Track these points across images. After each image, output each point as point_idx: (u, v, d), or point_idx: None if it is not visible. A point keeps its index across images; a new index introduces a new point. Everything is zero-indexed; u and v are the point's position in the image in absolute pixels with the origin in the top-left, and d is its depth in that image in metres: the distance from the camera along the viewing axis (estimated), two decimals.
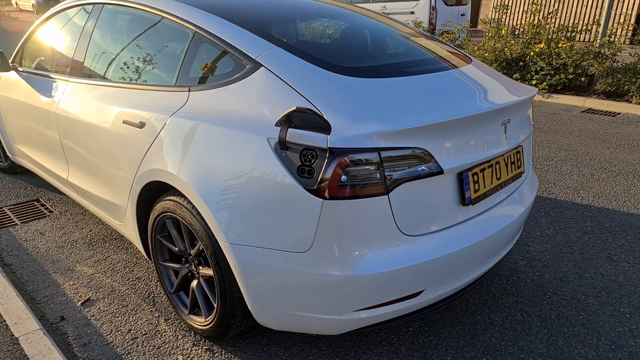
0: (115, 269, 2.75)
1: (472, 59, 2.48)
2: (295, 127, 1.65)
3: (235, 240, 1.79)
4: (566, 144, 5.07)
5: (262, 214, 1.72)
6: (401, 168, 1.66)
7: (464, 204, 1.85)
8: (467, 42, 8.73)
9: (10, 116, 3.49)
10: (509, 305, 2.45)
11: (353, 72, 1.90)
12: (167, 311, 2.38)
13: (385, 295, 1.74)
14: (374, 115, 1.67)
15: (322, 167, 1.60)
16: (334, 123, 1.63)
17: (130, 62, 2.44)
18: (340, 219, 1.62)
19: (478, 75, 2.20)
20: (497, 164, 2.01)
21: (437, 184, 1.75)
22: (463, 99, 1.89)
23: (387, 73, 1.96)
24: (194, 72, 2.13)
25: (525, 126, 2.22)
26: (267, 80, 1.85)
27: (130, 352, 2.12)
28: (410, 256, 1.72)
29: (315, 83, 1.79)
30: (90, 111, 2.52)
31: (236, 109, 1.87)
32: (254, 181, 1.73)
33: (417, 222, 1.73)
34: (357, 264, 1.66)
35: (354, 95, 1.75)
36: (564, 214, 3.45)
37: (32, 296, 2.50)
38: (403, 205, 1.68)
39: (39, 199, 3.68)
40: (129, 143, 2.24)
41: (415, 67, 2.10)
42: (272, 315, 1.85)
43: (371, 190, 1.62)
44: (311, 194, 1.62)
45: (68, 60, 2.88)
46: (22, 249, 2.96)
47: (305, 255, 1.69)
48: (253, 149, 1.74)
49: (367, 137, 1.61)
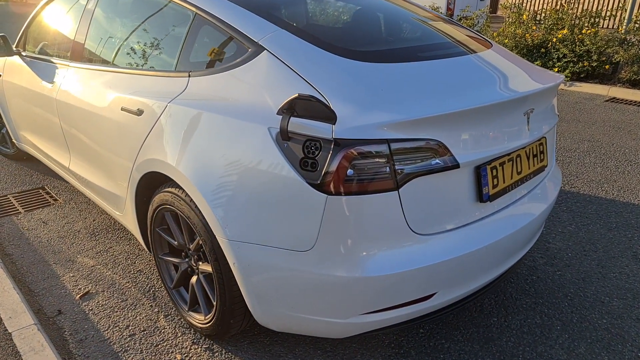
0: (116, 260, 2.67)
1: (493, 44, 2.30)
2: (298, 115, 1.52)
3: (234, 236, 1.67)
4: (589, 134, 4.85)
5: (262, 209, 1.60)
6: (413, 161, 1.52)
7: (481, 201, 1.70)
8: (487, 28, 8.45)
9: (14, 102, 3.42)
10: (527, 307, 2.31)
11: (363, 56, 1.75)
12: (167, 307, 2.30)
13: (393, 298, 1.62)
14: (384, 103, 1.53)
15: (326, 160, 1.47)
16: (340, 112, 1.49)
17: (129, 47, 2.32)
18: (346, 216, 1.49)
19: (499, 61, 2.03)
20: (519, 157, 1.85)
21: (452, 178, 1.61)
22: (482, 86, 1.73)
23: (400, 57, 1.81)
24: (194, 56, 2.00)
25: (549, 116, 2.05)
26: (270, 65, 1.71)
27: (127, 349, 2.03)
28: (421, 257, 1.59)
29: (321, 68, 1.66)
30: (89, 97, 2.41)
31: (237, 95, 1.74)
32: (254, 174, 1.60)
33: (430, 220, 1.60)
34: (364, 265, 1.54)
35: (363, 82, 1.61)
36: (587, 209, 3.27)
37: (31, 288, 2.43)
38: (415, 201, 1.55)
39: (44, 187, 3.62)
40: (127, 131, 2.13)
41: (430, 51, 1.94)
42: (273, 316, 1.74)
43: (380, 186, 1.49)
44: (314, 188, 1.49)
45: (68, 45, 2.78)
46: (23, 238, 2.90)
47: (308, 254, 1.56)
48: (253, 139, 1.61)
49: (376, 128, 1.47)
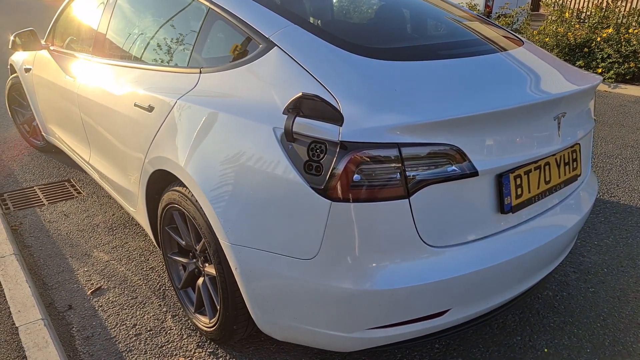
0: (131, 256, 2.65)
1: (524, 41, 2.14)
2: (304, 115, 1.43)
3: (236, 240, 1.60)
4: (633, 140, 4.55)
5: (265, 213, 1.52)
6: (426, 167, 1.40)
7: (502, 212, 1.57)
8: (526, 26, 8.10)
9: (42, 95, 3.47)
10: (555, 326, 2.14)
11: (379, 54, 1.64)
12: (175, 307, 2.25)
13: (402, 314, 1.50)
14: (397, 104, 1.42)
15: (331, 164, 1.37)
16: (349, 112, 1.39)
17: (144, 42, 2.29)
18: (351, 225, 1.39)
19: (530, 60, 1.88)
20: (547, 165, 1.70)
21: (470, 187, 1.48)
22: (507, 87, 1.59)
23: (420, 55, 1.69)
24: (206, 52, 1.94)
25: (584, 121, 1.88)
26: (280, 62, 1.63)
27: (132, 349, 2.00)
28: (433, 271, 1.47)
29: (332, 66, 1.56)
30: (106, 93, 2.40)
31: (245, 93, 1.67)
32: (257, 176, 1.52)
33: (444, 232, 1.48)
34: (370, 277, 1.43)
35: (376, 81, 1.50)
36: (627, 221, 3.04)
37: (45, 281, 2.44)
38: (427, 211, 1.43)
39: (69, 180, 3.67)
40: (139, 127, 2.09)
41: (454, 49, 1.81)
42: (275, 325, 1.65)
43: (389, 193, 1.38)
44: (318, 193, 1.39)
45: (89, 39, 2.78)
46: (44, 230, 2.93)
47: (311, 263, 1.47)
48: (258, 140, 1.53)
49: (387, 130, 1.36)
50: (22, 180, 3.65)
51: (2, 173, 3.77)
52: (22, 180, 3.65)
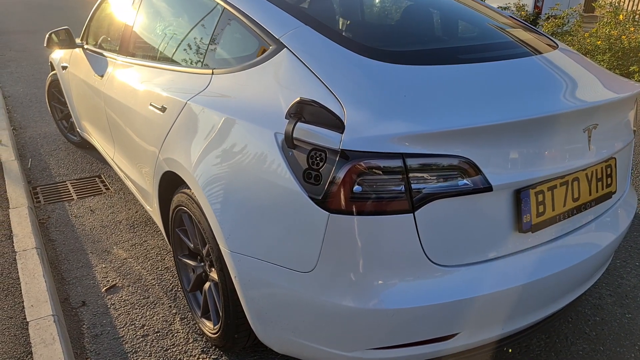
0: (148, 255, 2.66)
1: (559, 44, 1.98)
2: (306, 121, 1.35)
3: (236, 248, 1.55)
4: None
5: (264, 222, 1.46)
6: (434, 180, 1.30)
7: (520, 230, 1.44)
8: (577, 29, 7.69)
9: (76, 92, 3.56)
10: (583, 353, 1.97)
11: (394, 57, 1.55)
12: (184, 309, 2.23)
13: (405, 335, 1.41)
14: (405, 111, 1.32)
15: (330, 173, 1.29)
16: (353, 119, 1.31)
17: (162, 42, 2.28)
18: (350, 239, 1.31)
19: (562, 65, 1.73)
20: (576, 180, 1.55)
21: (484, 203, 1.36)
22: (532, 94, 1.46)
23: (439, 59, 1.58)
24: (219, 53, 1.90)
25: (622, 133, 1.71)
26: (288, 64, 1.56)
27: (137, 350, 1.99)
28: (440, 292, 1.36)
29: (340, 69, 1.48)
30: (127, 91, 2.41)
31: (253, 96, 1.61)
32: (258, 183, 1.46)
33: (453, 250, 1.36)
34: (371, 296, 1.34)
35: (386, 86, 1.41)
36: None
37: (63, 276, 2.48)
38: (435, 227, 1.33)
39: (100, 176, 3.75)
40: (153, 127, 2.08)
41: (478, 52, 1.69)
42: (274, 337, 1.59)
43: (392, 206, 1.28)
44: (316, 204, 1.32)
45: (116, 39, 2.82)
46: (69, 225, 2.99)
47: (308, 277, 1.40)
48: (259, 145, 1.47)
49: (391, 140, 1.27)
50: (56, 175, 3.76)
51: (38, 167, 3.90)
52: (56, 175, 3.76)
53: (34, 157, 4.09)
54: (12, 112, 5.33)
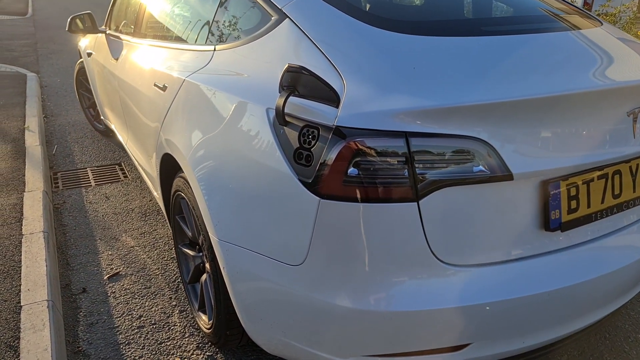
0: (155, 244, 2.58)
1: (604, 23, 1.74)
2: (299, 94, 1.20)
3: (224, 236, 1.41)
4: None
5: (253, 208, 1.32)
6: (443, 165, 1.12)
7: (547, 229, 1.23)
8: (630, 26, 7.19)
9: (98, 79, 3.54)
10: None
11: (406, 27, 1.37)
12: (184, 302, 2.12)
13: (407, 343, 1.23)
14: (412, 85, 1.15)
15: (321, 153, 1.13)
16: (353, 92, 1.15)
17: (170, 21, 2.18)
18: (343, 228, 1.14)
19: (604, 42, 1.50)
20: (617, 173, 1.33)
21: (503, 194, 1.17)
22: (564, 69, 1.25)
23: (458, 31, 1.39)
24: (223, 28, 1.78)
25: None
26: (289, 35, 1.41)
27: (131, 342, 1.89)
28: (448, 294, 1.18)
29: (343, 38, 1.31)
30: (135, 73, 2.33)
31: (250, 71, 1.47)
32: (248, 165, 1.32)
33: (464, 247, 1.18)
34: (365, 295, 1.17)
35: (392, 57, 1.24)
36: None
37: (69, 261, 2.43)
38: (442, 219, 1.14)
39: (120, 164, 3.72)
40: (155, 108, 1.98)
41: (503, 25, 1.49)
42: (264, 336, 1.44)
43: (392, 193, 1.11)
44: (306, 188, 1.16)
45: (130, 22, 2.75)
46: (83, 210, 2.95)
47: (298, 270, 1.24)
48: (250, 122, 1.33)
49: (394, 116, 1.09)
50: (78, 162, 3.76)
51: (63, 153, 3.92)
52: (78, 162, 3.76)
53: (60, 143, 4.12)
54: (46, 100, 5.43)
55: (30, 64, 7.10)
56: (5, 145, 3.70)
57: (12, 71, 6.34)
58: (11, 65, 6.75)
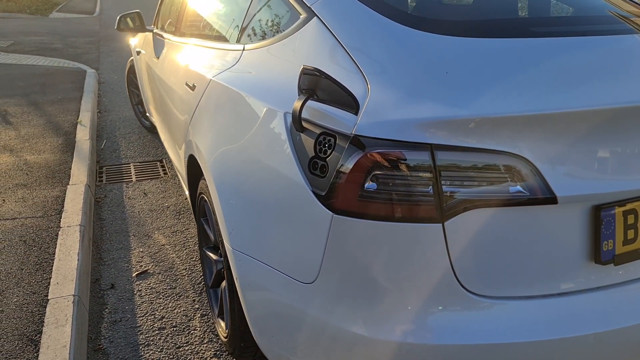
0: (185, 244, 2.56)
1: None
2: (318, 99, 1.10)
3: (238, 245, 1.34)
4: None
5: (266, 219, 1.23)
6: (473, 183, 0.98)
7: (598, 261, 1.07)
8: None
9: (144, 76, 3.60)
10: None
11: (443, 28, 1.24)
12: (207, 305, 2.08)
13: None
14: (444, 91, 1.02)
15: (336, 164, 1.03)
16: (377, 98, 1.04)
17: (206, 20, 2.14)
18: (358, 248, 1.03)
19: None
20: None
21: (544, 219, 1.02)
22: (625, 78, 1.07)
23: (502, 32, 1.24)
24: (253, 27, 1.71)
25: None
26: (316, 35, 1.32)
27: (150, 344, 1.86)
28: (477, 330, 1.04)
29: (373, 39, 1.20)
30: (171, 72, 2.32)
31: (273, 72, 1.40)
32: (263, 172, 1.24)
33: (495, 277, 1.04)
34: (380, 324, 1.06)
35: (424, 61, 1.11)
36: None
37: (102, 256, 2.45)
38: (470, 244, 1.01)
39: (162, 160, 3.78)
40: (184, 108, 1.95)
41: (556, 25, 1.32)
42: (276, 353, 1.35)
43: (413, 212, 0.99)
44: (319, 201, 1.06)
45: (173, 22, 2.76)
46: (121, 205, 3.00)
47: (309, 289, 1.15)
48: (269, 127, 1.25)
49: (419, 125, 0.97)
50: (123, 157, 3.85)
51: (110, 148, 4.03)
52: (123, 157, 3.85)
53: (109, 138, 4.24)
54: (102, 97, 5.64)
55: (91, 60, 7.42)
56: (57, 138, 3.85)
57: (73, 67, 6.65)
58: (73, 62, 7.09)
